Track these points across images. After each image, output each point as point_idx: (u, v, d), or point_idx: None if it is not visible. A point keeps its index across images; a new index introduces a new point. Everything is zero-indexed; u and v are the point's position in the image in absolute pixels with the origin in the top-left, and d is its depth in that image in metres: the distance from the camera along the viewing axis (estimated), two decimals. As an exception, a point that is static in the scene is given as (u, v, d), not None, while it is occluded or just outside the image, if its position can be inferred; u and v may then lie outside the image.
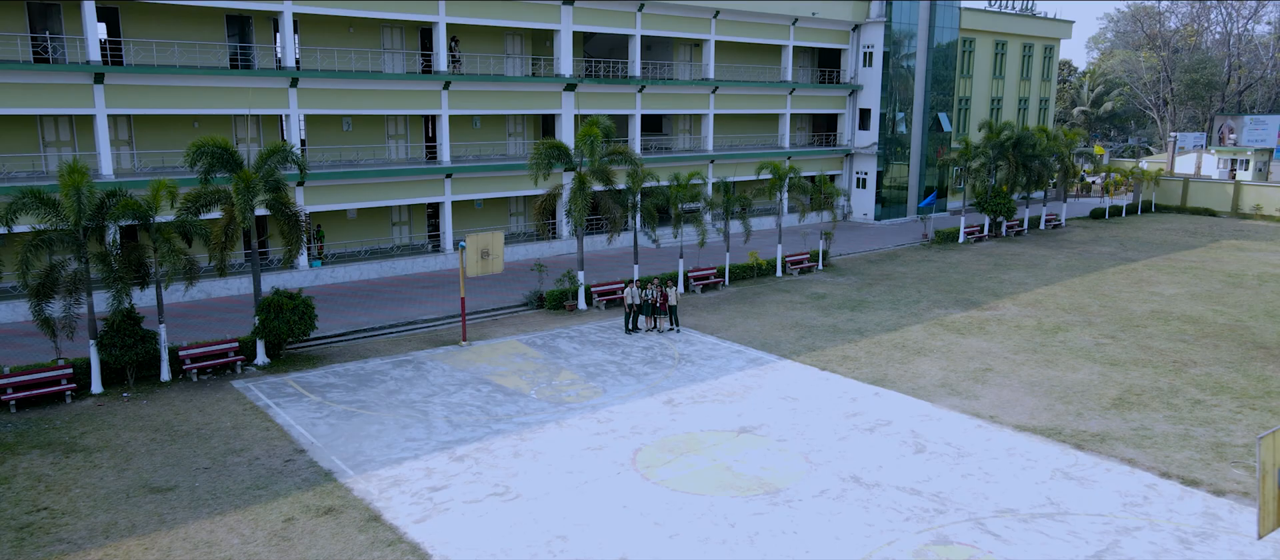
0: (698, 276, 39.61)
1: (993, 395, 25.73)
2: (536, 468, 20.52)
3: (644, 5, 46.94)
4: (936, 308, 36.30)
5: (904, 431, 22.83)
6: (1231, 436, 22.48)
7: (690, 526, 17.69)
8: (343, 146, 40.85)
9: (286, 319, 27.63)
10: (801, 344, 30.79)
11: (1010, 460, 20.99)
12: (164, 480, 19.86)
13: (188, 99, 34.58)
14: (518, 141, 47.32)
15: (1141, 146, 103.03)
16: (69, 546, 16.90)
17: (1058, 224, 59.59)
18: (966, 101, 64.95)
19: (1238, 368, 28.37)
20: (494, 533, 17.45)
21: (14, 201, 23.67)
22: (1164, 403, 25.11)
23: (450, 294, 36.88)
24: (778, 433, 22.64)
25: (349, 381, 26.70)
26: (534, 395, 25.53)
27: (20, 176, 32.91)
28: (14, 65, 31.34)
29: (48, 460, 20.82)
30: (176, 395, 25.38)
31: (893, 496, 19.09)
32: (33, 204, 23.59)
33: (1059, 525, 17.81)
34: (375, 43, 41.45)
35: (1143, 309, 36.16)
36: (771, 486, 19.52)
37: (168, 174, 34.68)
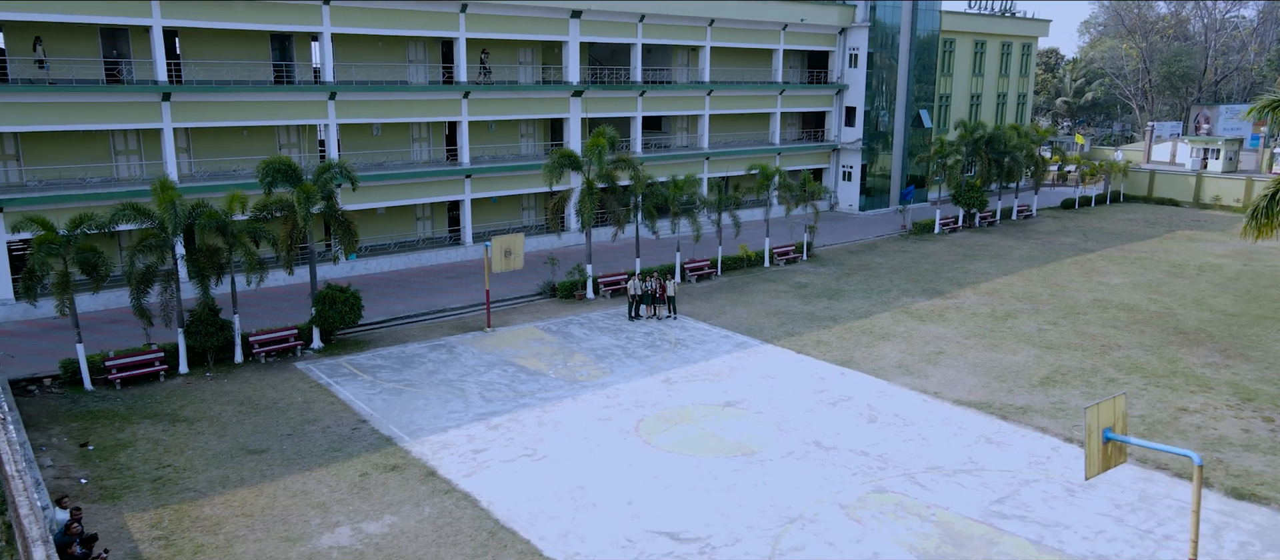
0: (693, 267, 44.18)
1: (940, 375, 30.38)
2: (557, 434, 25.18)
3: (645, 16, 51.20)
4: (904, 297, 40.90)
5: (861, 405, 27.50)
6: (1131, 410, 27.13)
7: (682, 479, 22.37)
8: (372, 150, 45.28)
9: (339, 309, 32.26)
10: (782, 329, 35.41)
11: (944, 428, 25.66)
12: (257, 444, 24.53)
13: (240, 112, 39.00)
14: (530, 142, 51.72)
15: (1123, 134, 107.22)
16: (195, 494, 21.59)
17: (1029, 214, 64.10)
18: (947, 98, 69.26)
19: (1154, 351, 33.01)
20: (527, 484, 22.13)
21: (117, 211, 28.21)
22: (1083, 381, 29.78)
23: (472, 284, 41.44)
24: (756, 406, 27.30)
25: (393, 363, 31.34)
26: (552, 375, 30.18)
27: (94, 182, 37.41)
28: (93, 86, 35.78)
29: (159, 428, 25.49)
30: (250, 375, 30.05)
31: (845, 457, 23.77)
32: (132, 214, 28.13)
33: (974, 478, 22.49)
34: (401, 57, 45.76)
35: (1087, 298, 40.78)
36: (748, 449, 24.20)
37: (222, 178, 39.25)
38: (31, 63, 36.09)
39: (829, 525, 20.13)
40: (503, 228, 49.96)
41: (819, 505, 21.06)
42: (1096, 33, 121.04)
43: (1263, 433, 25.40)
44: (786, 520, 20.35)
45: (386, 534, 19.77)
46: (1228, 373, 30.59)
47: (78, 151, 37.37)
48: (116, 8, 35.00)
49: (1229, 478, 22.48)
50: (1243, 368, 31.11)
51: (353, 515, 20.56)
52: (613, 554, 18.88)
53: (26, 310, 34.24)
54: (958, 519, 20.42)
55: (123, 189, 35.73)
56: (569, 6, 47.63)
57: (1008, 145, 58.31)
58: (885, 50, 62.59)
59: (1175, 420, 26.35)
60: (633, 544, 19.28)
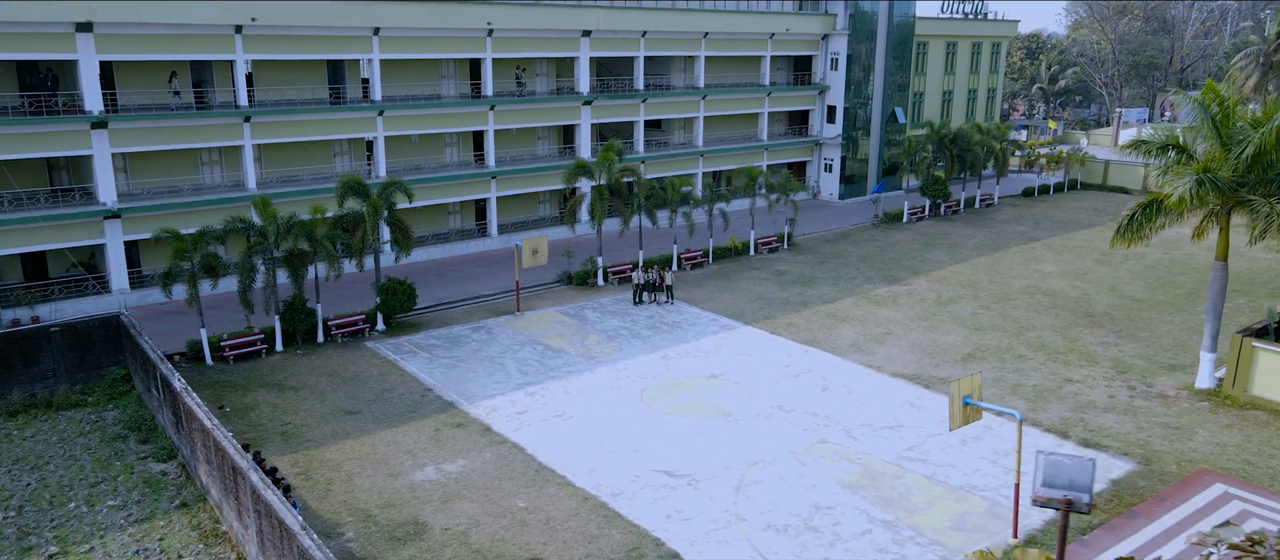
0: (688, 257, 51.56)
1: (885, 352, 37.89)
2: (579, 400, 32.73)
3: (646, 32, 58.16)
4: (867, 284, 48.33)
5: (817, 377, 35.04)
6: (1027, 380, 34.66)
7: (674, 433, 29.95)
8: (411, 155, 52.45)
9: (398, 298, 39.74)
10: (760, 313, 42.89)
11: (879, 395, 33.21)
12: (351, 407, 32.10)
13: (304, 129, 46.18)
14: (546, 144, 58.88)
15: (1096, 118, 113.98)
16: (315, 444, 29.16)
17: (991, 203, 71.34)
18: (920, 95, 76.24)
19: (1062, 332, 40.51)
20: (559, 437, 29.70)
21: (230, 223, 35.55)
22: (997, 357, 37.31)
23: (500, 272, 48.82)
24: (734, 378, 34.85)
25: (444, 343, 38.85)
26: (573, 352, 37.70)
27: (186, 188, 44.73)
28: (184, 113, 42.97)
29: (273, 395, 33.06)
30: (332, 352, 37.59)
31: (800, 417, 31.34)
32: (242, 225, 35.51)
33: (894, 432, 30.06)
34: (435, 75, 52.78)
35: (1020, 285, 48.22)
36: (726, 411, 31.79)
37: (289, 184, 46.51)
38: (167, 93, 43.26)
39: (782, 466, 27.72)
40: (523, 220, 57.31)
41: (776, 452, 28.65)
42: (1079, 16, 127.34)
43: (1123, 398, 32.96)
44: (751, 462, 27.94)
45: (461, 472, 27.37)
46: (1115, 350, 38.10)
47: (173, 165, 44.61)
48: (210, 46, 42.09)
49: (1085, 431, 30.05)
50: (1128, 346, 38.62)
51: (434, 458, 28.17)
52: (624, 485, 26.48)
53: (142, 297, 41.78)
54: (876, 461, 28.00)
55: (212, 198, 43.08)
56: (580, 28, 54.60)
57: (970, 142, 65.44)
58: (863, 54, 69.48)
59: (1059, 388, 33.91)
60: (639, 479, 26.88)
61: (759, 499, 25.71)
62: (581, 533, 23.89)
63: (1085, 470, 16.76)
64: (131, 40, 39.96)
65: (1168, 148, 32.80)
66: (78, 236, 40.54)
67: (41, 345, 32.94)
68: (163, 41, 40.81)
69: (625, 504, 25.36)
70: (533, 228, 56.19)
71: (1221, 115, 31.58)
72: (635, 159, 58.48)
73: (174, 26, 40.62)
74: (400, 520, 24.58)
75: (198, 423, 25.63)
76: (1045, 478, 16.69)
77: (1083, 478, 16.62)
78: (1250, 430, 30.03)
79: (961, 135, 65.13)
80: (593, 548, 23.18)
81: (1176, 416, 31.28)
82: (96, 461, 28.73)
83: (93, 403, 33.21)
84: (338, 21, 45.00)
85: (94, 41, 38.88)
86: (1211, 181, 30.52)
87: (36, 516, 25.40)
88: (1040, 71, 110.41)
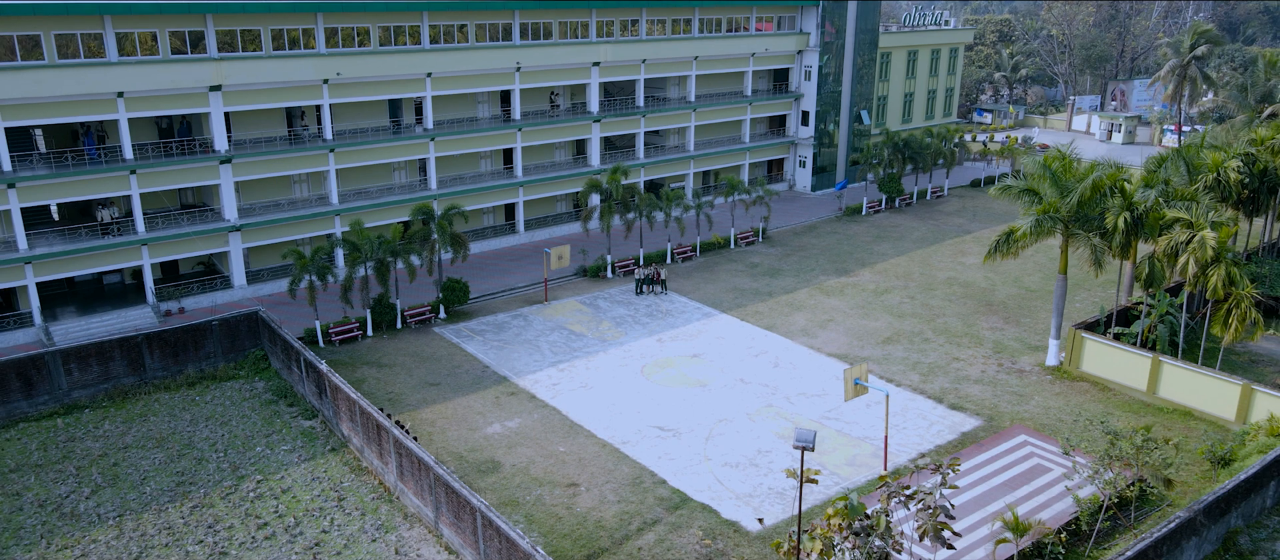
0: (679, 251, 63.68)
1: (826, 336, 50.21)
2: (598, 375, 45.13)
3: (645, 60, 69.64)
4: (822, 275, 60.49)
5: (772, 356, 47.40)
6: (926, 358, 47.00)
7: (665, 399, 42.39)
8: (453, 168, 64.30)
9: (456, 293, 52.00)
10: (734, 303, 55.13)
11: (815, 370, 45.57)
12: (432, 380, 44.52)
13: (372, 155, 57.98)
14: (562, 153, 70.67)
15: (1052, 103, 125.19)
16: (412, 407, 41.60)
17: (941, 194, 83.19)
18: (884, 99, 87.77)
19: (964, 318, 52.81)
20: (584, 402, 42.14)
21: (335, 243, 47.66)
22: (908, 340, 49.64)
23: (528, 265, 60.92)
24: (710, 357, 47.23)
25: (492, 328, 51.17)
26: (590, 336, 50.04)
27: (283, 202, 56.71)
28: (284, 148, 54.80)
29: (373, 370, 45.45)
30: (409, 336, 49.93)
31: (755, 388, 43.75)
32: (345, 245, 47.63)
33: (821, 398, 42.47)
34: (473, 104, 64.48)
35: (943, 276, 60.39)
36: (702, 383, 44.22)
37: (360, 198, 58.41)
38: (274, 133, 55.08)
39: (738, 423, 40.20)
40: (544, 216, 69.36)
41: (735, 413, 41.12)
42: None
43: (991, 372, 45.37)
44: (717, 420, 40.43)
45: (518, 427, 39.86)
46: (999, 334, 50.45)
47: (272, 187, 56.58)
48: (304, 95, 53.84)
49: (956, 398, 42.47)
50: (1010, 330, 50.97)
51: (498, 418, 40.65)
52: (631, 436, 38.96)
53: (255, 291, 54.09)
54: (805, 420, 40.48)
55: (304, 212, 55.15)
56: (591, 60, 66.17)
57: (921, 146, 77.18)
58: (833, 65, 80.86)
59: (947, 365, 46.29)
60: (640, 431, 39.36)
61: (721, 445, 38.25)
62: (603, 468, 36.46)
63: (809, 436, 27.68)
64: (248, 95, 51.74)
65: (1025, 192, 44.65)
66: (208, 246, 52.73)
67: (206, 334, 45.26)
68: (270, 94, 52.58)
69: (631, 449, 37.89)
70: (553, 224, 68.35)
71: (1060, 170, 43.51)
72: (637, 163, 70.42)
73: (279, 83, 52.39)
74: (480, 459, 37.12)
75: (342, 393, 38.05)
76: (797, 436, 27.79)
77: (808, 438, 27.58)
78: (1071, 397, 42.52)
79: (913, 141, 76.84)
80: (610, 478, 35.74)
81: (1025, 387, 43.75)
82: (263, 419, 41.24)
83: (243, 376, 45.63)
84: (400, 71, 56.70)
85: (222, 97, 50.68)
86: (1049, 218, 42.60)
87: (237, 457, 37.93)
88: (1003, 60, 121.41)
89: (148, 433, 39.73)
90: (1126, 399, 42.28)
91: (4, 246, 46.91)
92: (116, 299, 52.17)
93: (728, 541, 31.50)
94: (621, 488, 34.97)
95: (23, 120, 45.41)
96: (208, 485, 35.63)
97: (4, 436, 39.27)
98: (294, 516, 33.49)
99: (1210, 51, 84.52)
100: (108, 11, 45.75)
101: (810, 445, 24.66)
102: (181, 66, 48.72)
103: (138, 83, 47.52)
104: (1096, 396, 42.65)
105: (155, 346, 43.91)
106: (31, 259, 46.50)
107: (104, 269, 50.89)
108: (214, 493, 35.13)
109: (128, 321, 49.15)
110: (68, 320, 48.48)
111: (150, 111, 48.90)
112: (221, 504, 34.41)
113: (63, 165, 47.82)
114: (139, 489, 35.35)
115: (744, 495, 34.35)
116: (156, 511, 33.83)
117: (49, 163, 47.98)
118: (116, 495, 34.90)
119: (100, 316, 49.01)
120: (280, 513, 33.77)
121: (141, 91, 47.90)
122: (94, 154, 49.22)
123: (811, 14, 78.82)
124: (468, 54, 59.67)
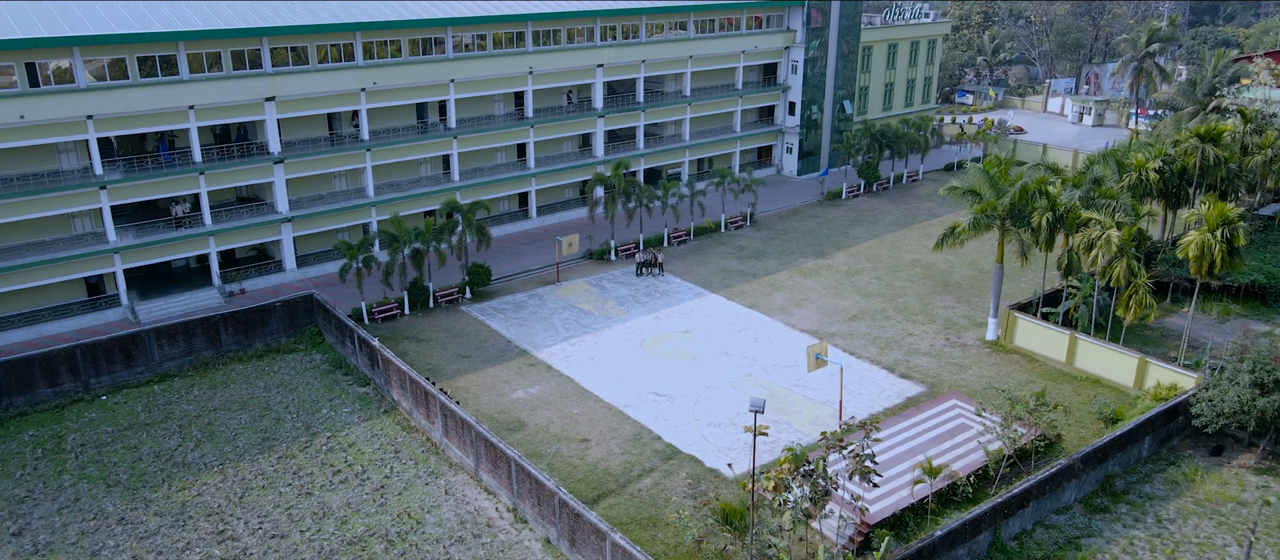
0: (675, 235, 71.39)
1: (801, 313, 58.08)
2: (604, 348, 53.06)
3: (645, 60, 76.87)
4: (801, 258, 68.23)
5: (753, 332, 55.30)
6: (885, 333, 54.91)
7: (661, 369, 50.37)
8: (473, 162, 71.83)
9: (480, 275, 59.86)
10: (722, 284, 62.94)
11: (790, 344, 53.47)
12: (463, 352, 52.49)
13: (402, 152, 65.50)
14: (569, 145, 78.13)
15: (1032, 84, 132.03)
16: (449, 376, 49.60)
17: (917, 178, 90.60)
18: (866, 89, 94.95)
19: (922, 298, 60.63)
20: (593, 371, 50.13)
21: (378, 235, 55.42)
22: (871, 318, 57.50)
23: (540, 249, 68.65)
24: (700, 332, 55.16)
25: (511, 307, 59.04)
26: (597, 314, 57.93)
27: (325, 194, 64.35)
28: (324, 150, 62.36)
29: (413, 344, 53.39)
30: (440, 314, 57.81)
31: (738, 360, 51.71)
32: (386, 236, 55.39)
33: (792, 369, 50.41)
34: (489, 104, 71.88)
35: (909, 258, 68.11)
36: (692, 355, 52.19)
37: (392, 191, 66.03)
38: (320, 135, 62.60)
39: (722, 391, 48.20)
40: (553, 203, 76.99)
41: (719, 381, 49.12)
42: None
43: (939, 346, 53.28)
44: (704, 387, 48.43)
45: (537, 393, 47.88)
46: (951, 312, 58.32)
47: (316, 183, 64.21)
48: (344, 102, 61.30)
49: (905, 367, 50.42)
50: (960, 308, 58.82)
51: (522, 385, 48.66)
52: (632, 400, 46.96)
53: (303, 274, 61.96)
54: (777, 387, 48.45)
55: (344, 204, 62.85)
56: (595, 63, 73.48)
57: (897, 135, 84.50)
58: (817, 59, 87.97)
59: (902, 340, 54.20)
60: (640, 397, 47.36)
61: (707, 408, 46.29)
62: (609, 427, 44.52)
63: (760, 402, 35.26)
64: (297, 103, 59.24)
65: (968, 193, 52.23)
66: (264, 235, 60.51)
67: (270, 313, 53.17)
68: (316, 102, 60.07)
69: (633, 411, 45.93)
70: (563, 210, 76.08)
71: (997, 174, 51.11)
72: (637, 154, 77.93)
73: (323, 93, 59.86)
74: (509, 420, 45.18)
75: (393, 365, 46.04)
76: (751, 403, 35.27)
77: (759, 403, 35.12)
78: (1003, 368, 50.49)
79: (888, 130, 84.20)
80: (615, 434, 43.81)
81: (965, 359, 51.72)
82: (324, 386, 49.27)
83: (302, 349, 53.59)
84: (427, 78, 64.14)
85: (275, 107, 58.21)
86: (986, 216, 50.28)
87: (308, 417, 45.99)
88: (984, 44, 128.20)
89: (230, 397, 47.81)
90: (1049, 369, 50.28)
91: (95, 238, 54.72)
92: (184, 281, 60.03)
93: (709, 484, 39.63)
94: (624, 442, 43.07)
95: (112, 131, 52.98)
96: (288, 440, 43.76)
97: (114, 400, 47.38)
98: (361, 465, 41.65)
99: (1163, 48, 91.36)
100: (181, 38, 53.12)
101: (761, 409, 32.56)
102: (242, 82, 56.19)
103: (206, 97, 55.03)
104: (1025, 367, 50.62)
105: (229, 324, 51.87)
106: (120, 249, 54.35)
107: (174, 257, 58.61)
108: (293, 446, 43.27)
109: (199, 301, 57.08)
110: (149, 301, 56.39)
111: (215, 120, 56.44)
112: (301, 455, 42.56)
113: (144, 169, 55.47)
114: (233, 443, 43.49)
115: (724, 448, 42.45)
116: (250, 461, 41.99)
117: (131, 167, 55.62)
118: (215, 448, 43.05)
119: (176, 297, 56.92)
120: (349, 462, 41.92)
121: (209, 104, 55.42)
122: (168, 158, 56.83)
123: (798, 13, 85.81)
124: (486, 61, 67.00)
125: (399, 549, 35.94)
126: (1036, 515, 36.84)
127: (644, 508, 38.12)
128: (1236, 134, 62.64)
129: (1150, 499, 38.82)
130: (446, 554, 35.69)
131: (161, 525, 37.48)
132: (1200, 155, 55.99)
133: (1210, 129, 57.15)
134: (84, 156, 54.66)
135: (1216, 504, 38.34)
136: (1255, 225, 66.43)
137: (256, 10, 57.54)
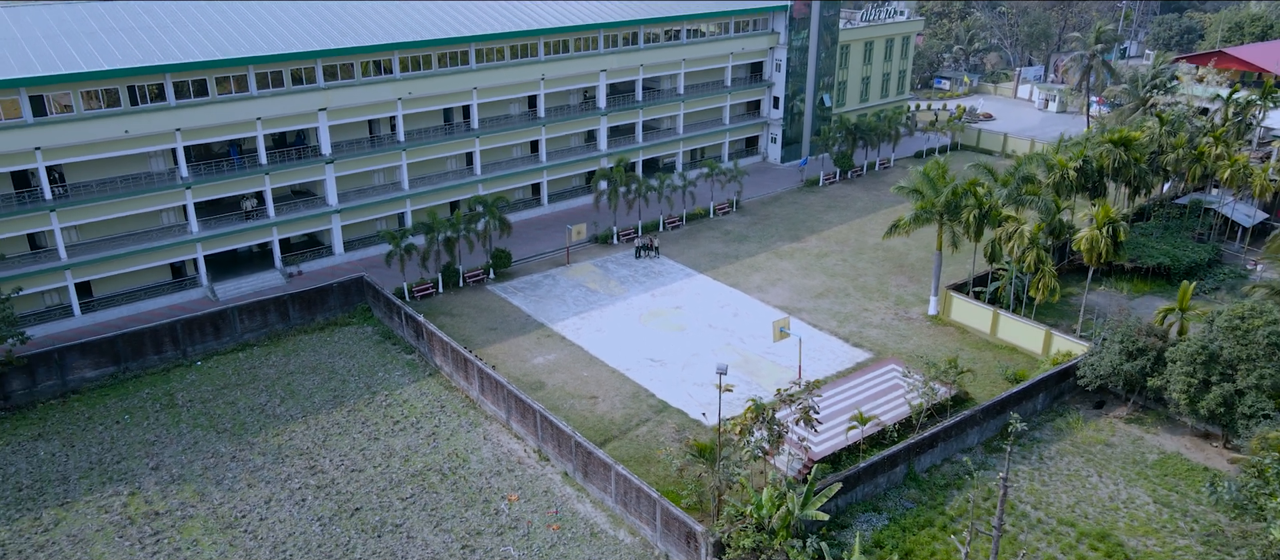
0: (670, 221, 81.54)
1: (775, 291, 68.38)
2: (609, 322, 63.45)
3: (643, 65, 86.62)
4: (778, 241, 78.38)
5: (734, 308, 65.66)
6: (844, 308, 65.26)
7: (657, 339, 60.81)
8: (491, 157, 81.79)
9: (502, 258, 70.18)
10: (709, 265, 73.18)
11: (765, 319, 63.76)
12: (490, 325, 62.92)
13: (432, 150, 75.51)
14: (576, 139, 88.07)
15: (1005, 71, 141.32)
16: (480, 345, 60.03)
17: (888, 166, 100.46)
18: (844, 84, 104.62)
19: (880, 279, 70.89)
20: (600, 341, 60.55)
21: (423, 225, 65.66)
22: (834, 296, 67.82)
23: (552, 233, 78.79)
24: (689, 308, 65.52)
25: (529, 286, 69.36)
26: (602, 292, 68.26)
27: (367, 189, 74.46)
28: (366, 151, 72.43)
29: (447, 319, 63.80)
30: (468, 293, 68.17)
31: (720, 332, 62.13)
32: (423, 227, 65.62)
33: (765, 338, 60.74)
34: (506, 107, 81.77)
35: (872, 242, 78.25)
36: (682, 328, 62.63)
37: (423, 184, 76.10)
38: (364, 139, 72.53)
39: (705, 356, 58.63)
40: (562, 191, 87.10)
41: (703, 350, 59.54)
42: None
43: (888, 320, 63.64)
44: (691, 354, 58.88)
45: (554, 359, 58.35)
46: (903, 290, 68.62)
47: (358, 179, 74.30)
48: (384, 109, 71.27)
49: (858, 338, 60.83)
50: (912, 287, 69.12)
51: (541, 353, 59.12)
52: (632, 365, 57.41)
53: (350, 257, 72.30)
54: (751, 354, 58.89)
55: (383, 197, 73.00)
56: (599, 69, 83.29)
57: (870, 129, 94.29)
58: (799, 58, 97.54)
59: (858, 314, 64.57)
60: (638, 362, 57.81)
61: (694, 371, 56.77)
62: (614, 387, 55.02)
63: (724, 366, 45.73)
64: (344, 111, 69.26)
65: (913, 192, 62.30)
66: (317, 225, 70.78)
67: (329, 293, 63.55)
68: (360, 110, 70.07)
69: (633, 374, 56.41)
70: (570, 197, 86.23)
71: (937, 176, 61.19)
72: (636, 147, 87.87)
73: (366, 102, 69.86)
74: (531, 381, 55.69)
75: (437, 337, 56.48)
76: (717, 367, 45.94)
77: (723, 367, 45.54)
78: (939, 338, 60.90)
79: (862, 124, 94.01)
80: (618, 393, 54.31)
81: (909, 330, 62.12)
82: (377, 354, 59.73)
83: (355, 323, 63.96)
84: (454, 88, 74.08)
85: (326, 116, 68.21)
86: (926, 212, 60.41)
87: (367, 379, 56.48)
88: (962, 33, 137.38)
89: (302, 363, 58.36)
90: (977, 339, 60.71)
91: (180, 230, 65.02)
92: (248, 265, 70.34)
93: (692, 431, 50.20)
94: (625, 399, 53.62)
95: (193, 140, 63.04)
96: (354, 397, 54.34)
97: (208, 365, 57.92)
98: (414, 416, 52.25)
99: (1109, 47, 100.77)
100: (251, 63, 63.04)
101: (725, 371, 43.14)
102: (300, 96, 66.17)
103: (270, 110, 65.05)
104: (957, 338, 61.05)
105: (296, 302, 62.29)
106: (202, 238, 64.67)
107: (242, 244, 68.85)
108: (359, 402, 53.86)
109: (264, 282, 67.46)
110: (223, 281, 66.77)
111: (276, 129, 66.50)
112: (366, 409, 53.15)
113: (220, 171, 65.62)
114: (310, 399, 54.08)
115: (705, 403, 52.97)
116: (325, 414, 52.57)
117: (208, 169, 65.77)
118: (297, 403, 53.63)
119: (246, 278, 67.32)
120: (405, 414, 52.52)
121: (272, 115, 65.44)
122: (238, 161, 66.96)
123: (781, 17, 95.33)
124: (504, 70, 76.84)
125: (451, 480, 46.62)
126: (944, 454, 47.43)
127: (641, 448, 48.74)
128: (1153, 135, 72.51)
129: (1038, 442, 49.40)
130: (488, 484, 46.35)
131: (265, 462, 48.16)
132: (1113, 158, 65.94)
133: (1123, 135, 67.06)
134: (170, 161, 64.77)
135: (1089, 446, 48.93)
136: (1171, 213, 76.63)
137: (312, 35, 67.36)
